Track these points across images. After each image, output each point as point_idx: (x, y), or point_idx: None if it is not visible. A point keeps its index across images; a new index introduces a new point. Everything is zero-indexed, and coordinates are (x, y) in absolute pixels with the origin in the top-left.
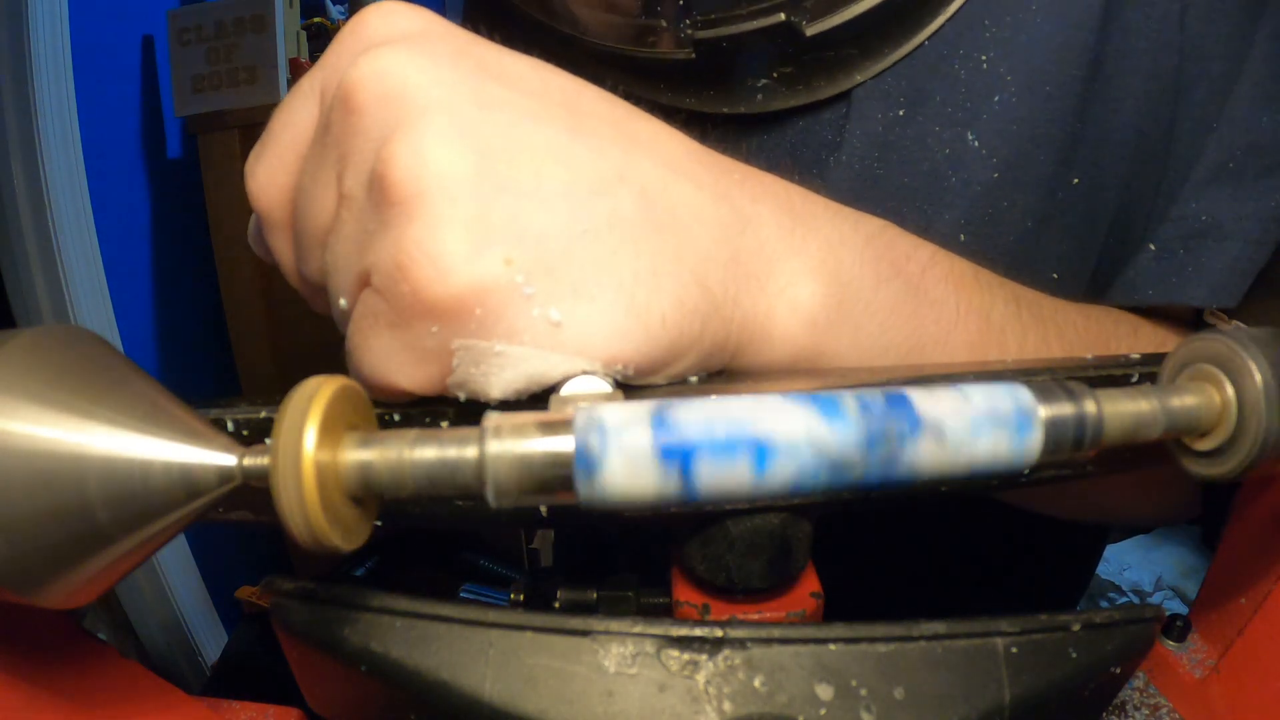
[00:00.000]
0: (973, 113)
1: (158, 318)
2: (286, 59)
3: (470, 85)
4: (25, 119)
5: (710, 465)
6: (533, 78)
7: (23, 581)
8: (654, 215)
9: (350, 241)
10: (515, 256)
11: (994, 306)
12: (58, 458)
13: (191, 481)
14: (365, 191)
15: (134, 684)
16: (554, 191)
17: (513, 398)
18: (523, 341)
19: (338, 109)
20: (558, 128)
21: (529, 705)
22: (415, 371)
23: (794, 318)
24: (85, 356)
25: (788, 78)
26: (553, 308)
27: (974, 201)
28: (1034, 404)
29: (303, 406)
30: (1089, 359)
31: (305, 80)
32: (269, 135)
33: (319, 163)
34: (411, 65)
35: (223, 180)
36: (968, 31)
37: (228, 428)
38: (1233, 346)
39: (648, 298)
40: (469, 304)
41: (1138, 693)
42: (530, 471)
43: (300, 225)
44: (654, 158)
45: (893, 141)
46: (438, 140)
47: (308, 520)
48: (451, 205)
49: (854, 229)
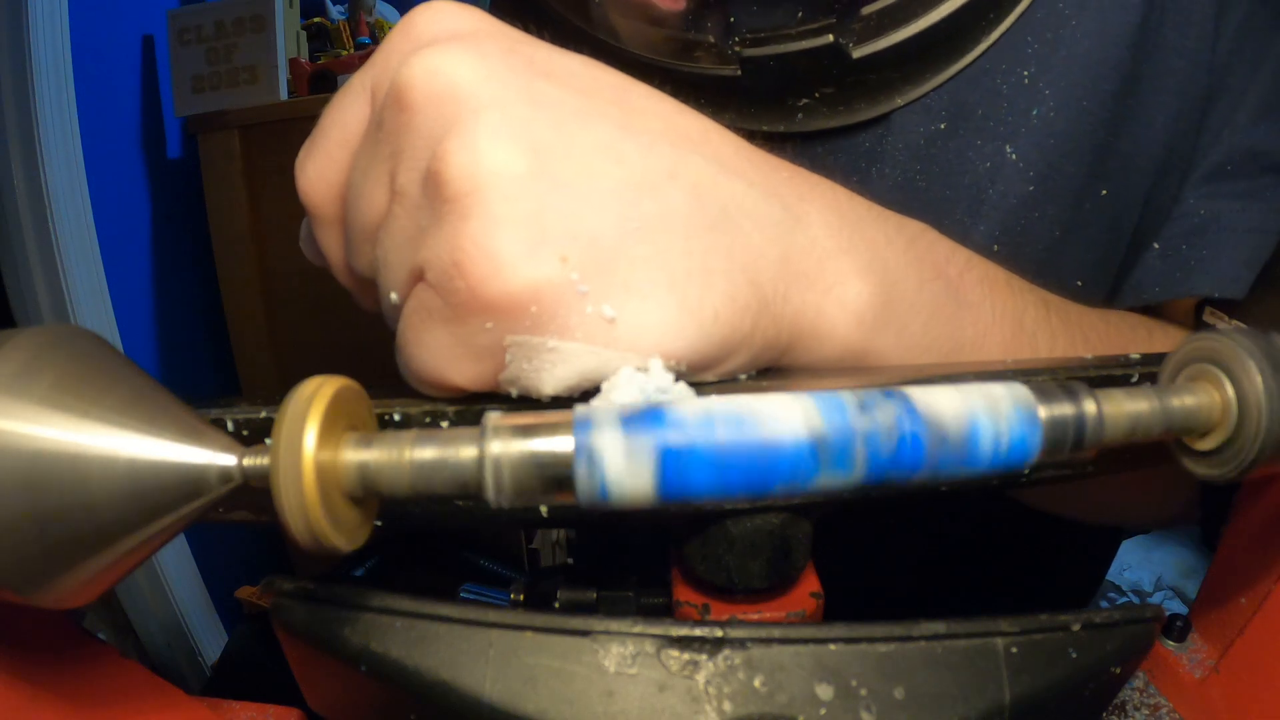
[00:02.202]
0: (1012, 126)
1: (158, 318)
2: (286, 59)
3: (522, 83)
4: (25, 119)
5: (710, 465)
6: (583, 75)
7: (23, 581)
8: (705, 212)
9: (403, 237)
10: (570, 254)
11: (1026, 311)
12: (58, 458)
13: (191, 481)
14: (419, 188)
15: (134, 684)
16: (606, 189)
17: (565, 394)
18: (576, 338)
19: (390, 107)
20: (608, 125)
21: (529, 705)
22: (468, 367)
23: (843, 316)
24: (85, 356)
25: (829, 98)
26: (606, 304)
27: (1009, 213)
28: (1034, 404)
29: (303, 406)
30: (1089, 359)
31: (356, 78)
32: (319, 133)
33: (371, 159)
34: (464, 64)
35: (223, 180)
36: (1010, 48)
37: (228, 428)
38: (1233, 346)
39: (700, 294)
40: (524, 301)
41: (1138, 693)
42: (530, 471)
43: (351, 221)
44: (704, 155)
45: (934, 155)
46: (492, 138)
47: (308, 520)
48: (506, 203)
49: (897, 230)
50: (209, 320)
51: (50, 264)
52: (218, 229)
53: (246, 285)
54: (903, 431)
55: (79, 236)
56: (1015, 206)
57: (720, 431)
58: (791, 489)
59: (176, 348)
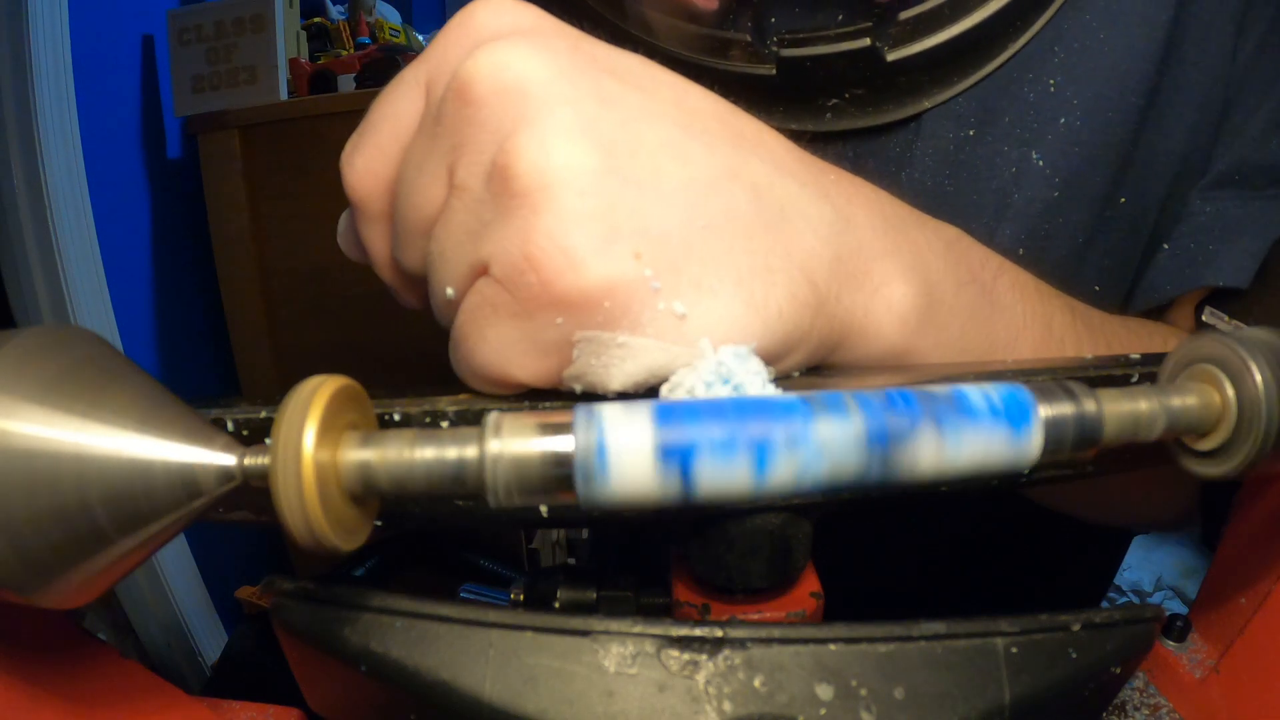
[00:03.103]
0: (1038, 133)
1: (158, 318)
2: (286, 59)
3: (589, 80)
4: (25, 119)
5: (710, 465)
6: (642, 74)
7: (23, 581)
8: (765, 212)
9: (462, 231)
10: (643, 250)
11: (1054, 316)
12: (58, 458)
13: (191, 481)
14: (483, 183)
15: (134, 684)
16: (673, 187)
17: (631, 389)
18: (647, 334)
19: (452, 101)
20: (671, 124)
21: (529, 705)
22: (533, 363)
23: (888, 317)
24: (85, 356)
25: (858, 99)
26: (677, 301)
27: (1034, 218)
28: (1034, 404)
29: (302, 406)
30: (1089, 359)
31: (409, 72)
32: (368, 126)
33: (426, 153)
34: (532, 59)
35: (223, 180)
36: (1037, 56)
37: (228, 428)
38: (1233, 346)
39: (766, 292)
40: (598, 297)
41: (1138, 693)
42: (530, 471)
43: (402, 215)
44: (761, 155)
45: (963, 160)
46: (563, 134)
47: (308, 520)
48: (580, 199)
49: (935, 234)
50: (209, 320)
51: (50, 264)
52: (218, 229)
53: (246, 285)
54: (903, 432)
55: (79, 236)
56: (1041, 212)
57: (720, 431)
58: (791, 489)
59: (176, 348)
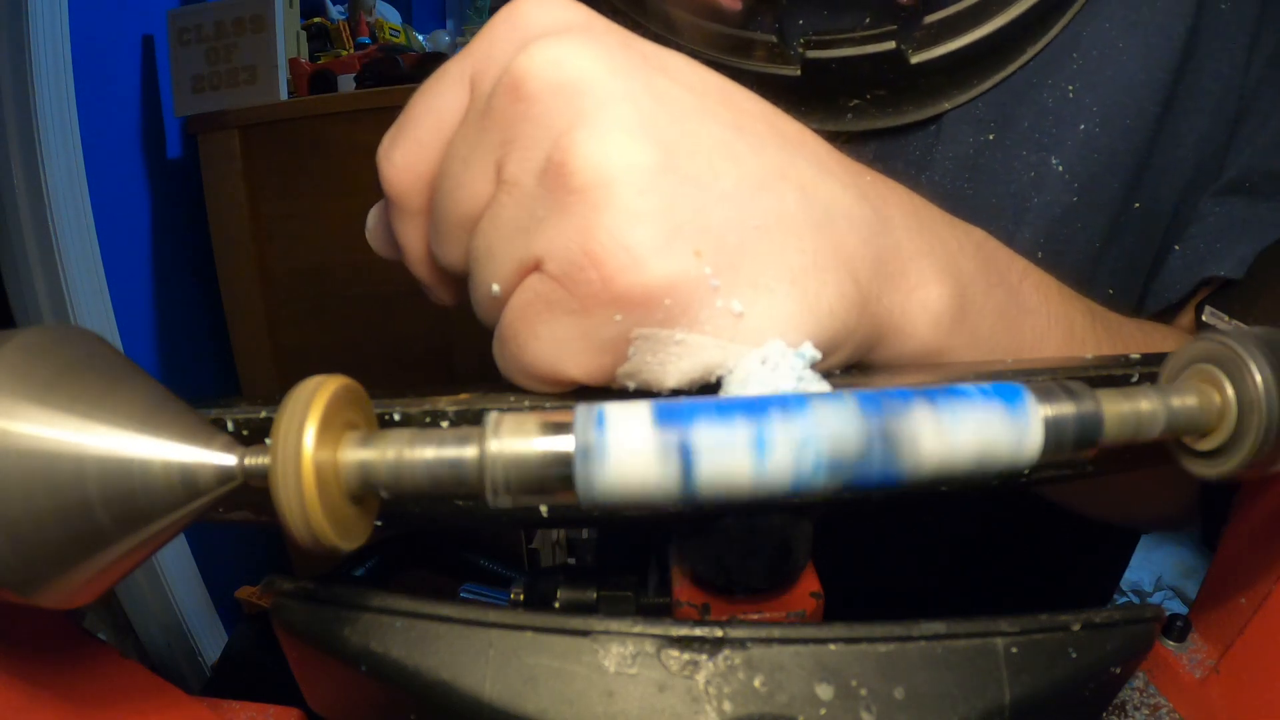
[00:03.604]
0: (1057, 138)
1: (158, 318)
2: (286, 59)
3: (644, 78)
4: (25, 119)
5: (711, 465)
6: (690, 73)
7: (23, 581)
8: (812, 212)
9: (512, 227)
10: (702, 249)
11: (1075, 318)
12: (58, 458)
13: (191, 481)
14: (535, 178)
15: (134, 684)
16: (728, 186)
17: (686, 387)
18: (704, 332)
19: (503, 96)
20: (721, 124)
21: (529, 705)
22: (588, 360)
23: (924, 316)
24: (85, 356)
25: (879, 100)
26: (735, 299)
27: (1053, 222)
28: (1034, 404)
29: (302, 406)
30: (1089, 359)
31: (452, 66)
32: (408, 120)
33: (472, 148)
34: (586, 56)
35: (223, 180)
36: (1055, 62)
37: (228, 428)
38: (1233, 346)
39: (817, 291)
40: (659, 295)
41: (1138, 693)
42: (530, 471)
43: (443, 210)
44: (805, 156)
45: (982, 164)
46: (622, 131)
47: (308, 520)
48: (641, 196)
49: (966, 236)
50: (209, 320)
51: (50, 264)
52: (218, 229)
53: (246, 285)
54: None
55: (79, 236)
56: (1059, 216)
57: (720, 432)
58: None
59: (176, 348)
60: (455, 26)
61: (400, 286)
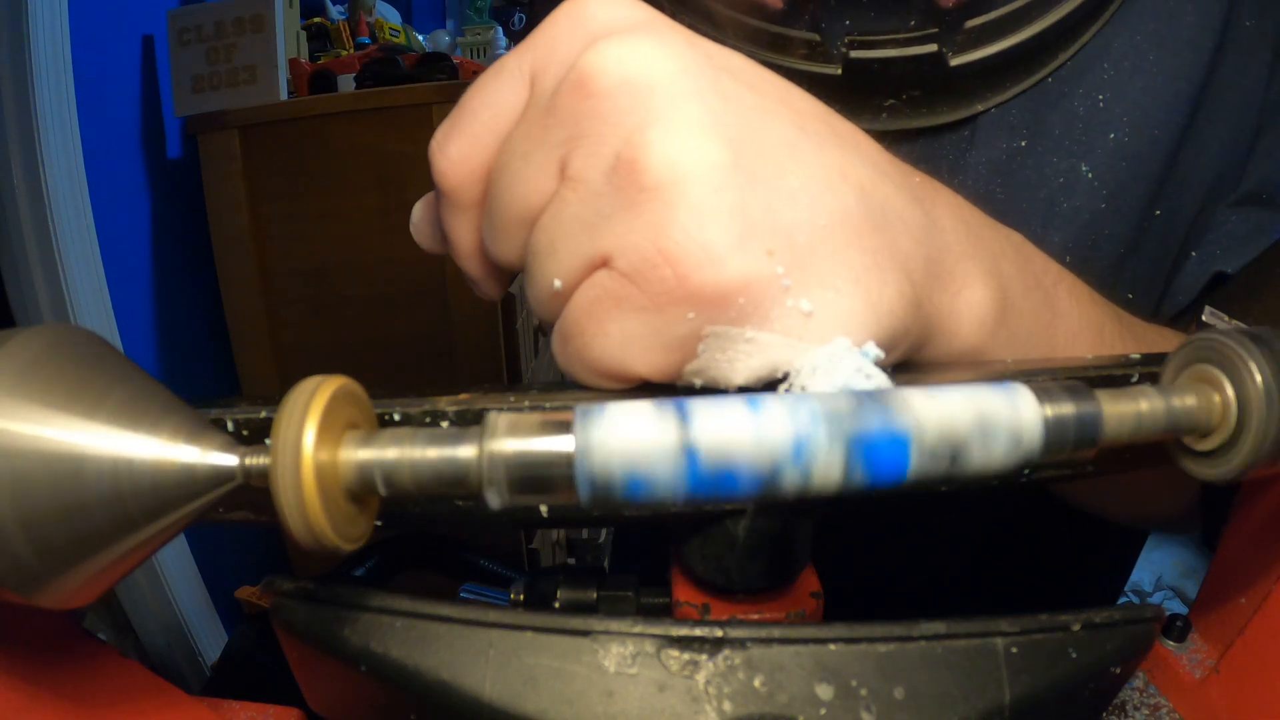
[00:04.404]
0: (1088, 146)
1: (158, 318)
2: (286, 59)
3: (709, 77)
4: (25, 119)
5: (711, 465)
6: (751, 72)
7: (23, 581)
8: (871, 213)
9: (577, 223)
10: (774, 248)
11: (1105, 322)
12: (58, 458)
13: (191, 481)
14: (603, 175)
15: (134, 684)
16: (795, 186)
17: (754, 384)
18: (774, 330)
19: (570, 92)
20: (784, 123)
21: (529, 705)
22: (656, 357)
23: (969, 317)
24: (85, 356)
25: (914, 100)
26: (804, 298)
27: (1081, 228)
28: (1034, 404)
29: (302, 406)
30: (1089, 359)
31: (510, 61)
32: (464, 114)
33: (536, 143)
34: (656, 54)
35: (223, 180)
36: (1087, 71)
37: (228, 428)
38: (1233, 346)
39: (880, 289)
40: (733, 293)
41: (1138, 693)
42: (530, 471)
43: (501, 206)
44: (861, 156)
45: (1014, 169)
46: (694, 130)
47: (308, 520)
48: (715, 194)
49: (1006, 239)
50: (209, 320)
51: (50, 264)
52: (218, 229)
53: (246, 285)
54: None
55: (79, 236)
56: (1088, 222)
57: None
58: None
59: (176, 348)
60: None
61: (400, 286)
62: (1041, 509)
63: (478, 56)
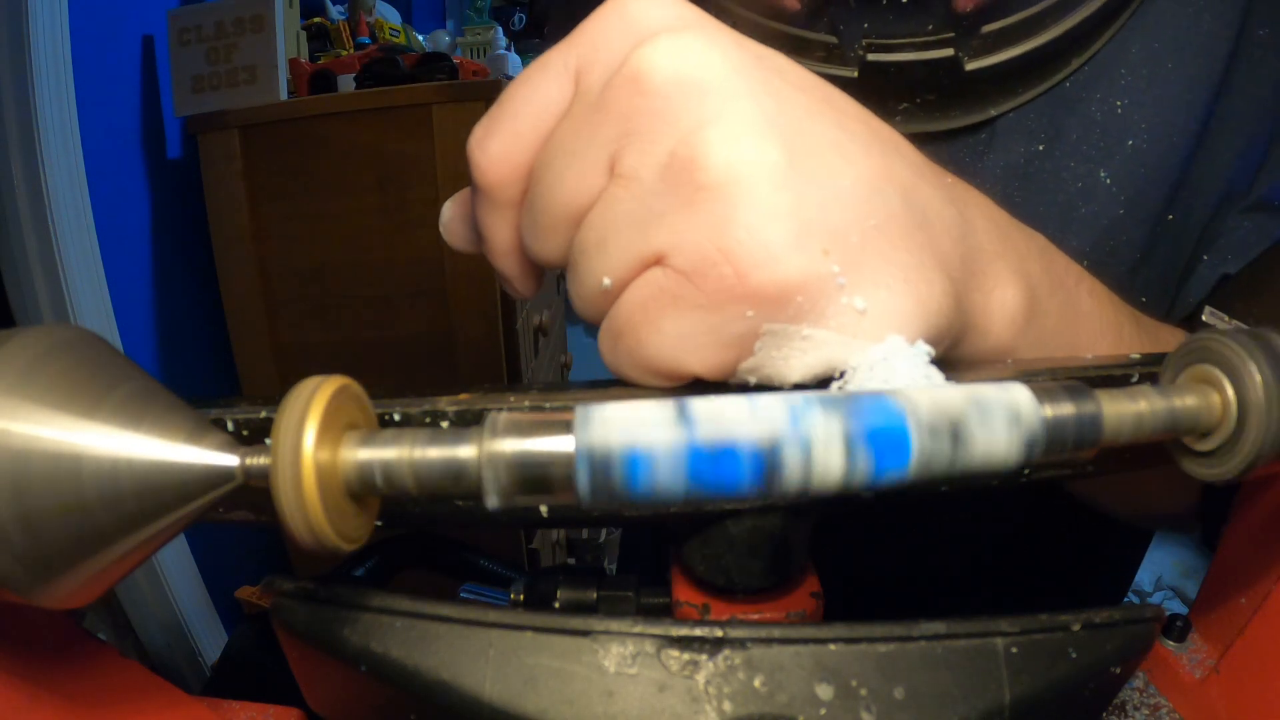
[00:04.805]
0: (1106, 152)
1: (158, 318)
2: (286, 59)
3: (761, 77)
4: (25, 119)
5: (710, 465)
6: (796, 73)
7: (23, 581)
8: (913, 213)
9: (627, 220)
10: (830, 247)
11: (1123, 323)
12: (58, 457)
13: (191, 481)
14: (657, 173)
15: (134, 684)
16: (845, 186)
17: (808, 381)
18: (829, 328)
19: (622, 89)
20: (831, 124)
21: (529, 705)
22: (712, 355)
23: (1002, 316)
24: (85, 356)
25: (928, 104)
26: (858, 297)
27: (1099, 232)
28: (1034, 404)
29: (302, 406)
30: (1089, 359)
31: (553, 58)
32: (505, 111)
33: (583, 140)
34: (710, 53)
35: (223, 180)
36: (1104, 77)
37: (228, 428)
38: (1233, 346)
39: (927, 288)
40: (793, 291)
41: (1138, 693)
42: (530, 471)
43: (545, 203)
44: (902, 158)
45: (1032, 174)
46: (752, 129)
47: (308, 520)
48: (773, 194)
49: (1031, 240)
50: (209, 320)
51: (50, 264)
52: (218, 229)
53: (246, 285)
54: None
55: (79, 236)
56: (1106, 227)
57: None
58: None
59: (176, 348)
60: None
61: (400, 286)
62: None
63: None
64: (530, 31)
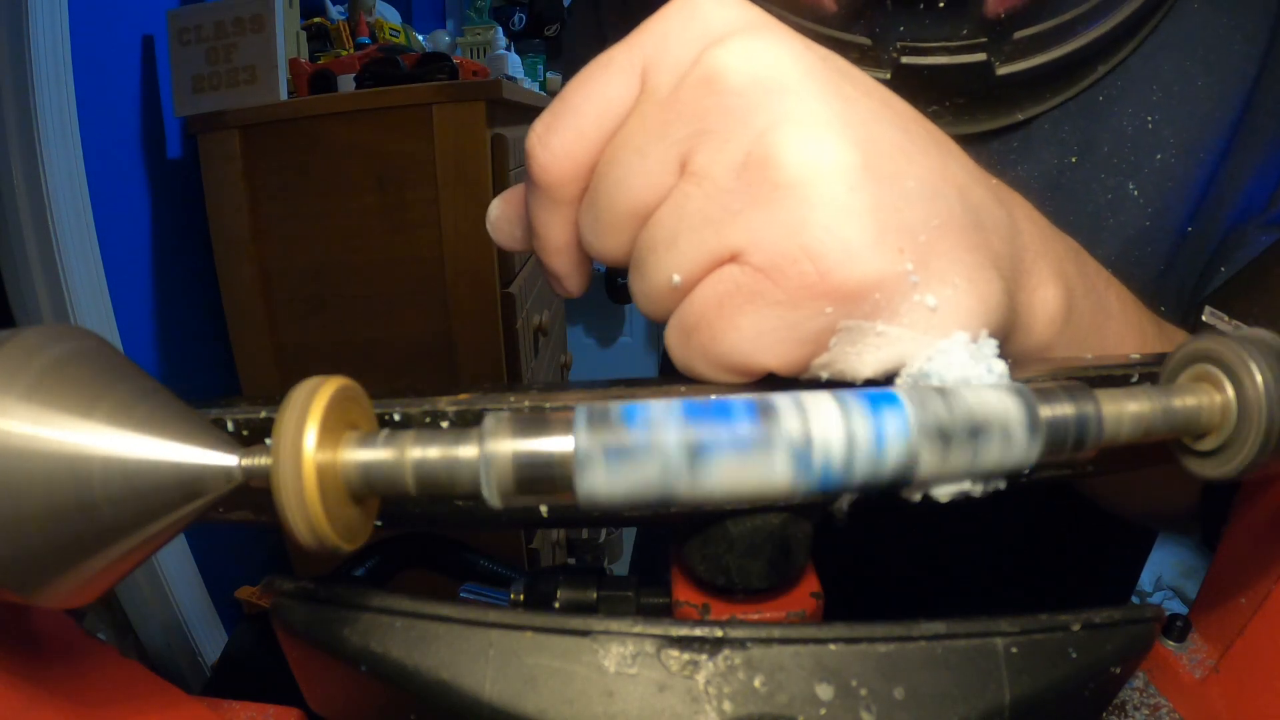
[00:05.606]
0: (1135, 165)
1: (158, 318)
2: (286, 59)
3: (830, 79)
4: (25, 119)
5: (711, 464)
6: (859, 76)
7: (23, 581)
8: (969, 214)
9: (700, 218)
10: (904, 245)
11: (1146, 327)
12: (58, 458)
13: (191, 481)
14: (732, 171)
15: (134, 684)
16: (911, 186)
17: (879, 376)
18: (901, 324)
19: (695, 88)
20: (893, 127)
21: (529, 705)
22: (787, 351)
23: (1043, 314)
24: (85, 356)
25: (958, 108)
26: (929, 294)
27: (1126, 243)
28: (1034, 404)
29: (302, 406)
30: (1089, 359)
31: (618, 55)
32: (568, 108)
33: (651, 138)
34: (784, 54)
35: (223, 180)
36: (1136, 92)
37: (228, 428)
38: (1233, 346)
39: (987, 286)
40: (871, 288)
41: (1138, 693)
42: (530, 471)
43: (609, 200)
44: (956, 160)
45: (1064, 183)
46: (827, 130)
47: (308, 520)
48: (851, 194)
49: (1065, 242)
50: (209, 320)
51: (50, 264)
52: (218, 229)
53: (246, 285)
54: (903, 431)
55: (79, 236)
56: (1132, 238)
57: (722, 431)
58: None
59: (176, 348)
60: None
61: (400, 286)
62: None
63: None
64: (530, 31)
